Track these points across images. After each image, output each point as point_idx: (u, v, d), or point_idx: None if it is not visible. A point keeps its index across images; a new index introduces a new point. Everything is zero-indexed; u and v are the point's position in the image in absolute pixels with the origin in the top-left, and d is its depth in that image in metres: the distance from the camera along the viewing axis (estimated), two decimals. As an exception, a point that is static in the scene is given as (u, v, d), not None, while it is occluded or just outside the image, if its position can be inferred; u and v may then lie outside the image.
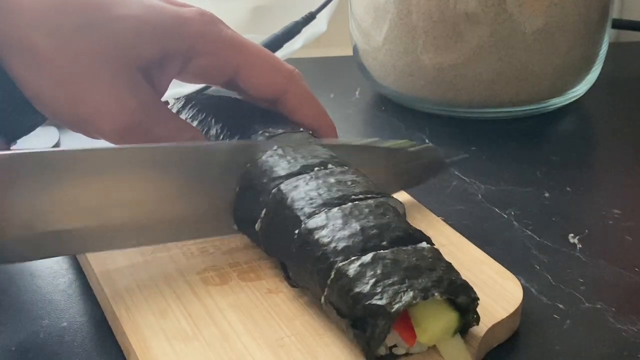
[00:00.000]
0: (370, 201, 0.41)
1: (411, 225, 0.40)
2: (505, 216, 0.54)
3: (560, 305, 0.42)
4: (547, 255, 0.49)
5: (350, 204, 0.40)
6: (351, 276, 0.37)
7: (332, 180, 0.42)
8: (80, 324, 0.43)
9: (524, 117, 0.70)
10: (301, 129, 0.48)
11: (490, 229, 0.52)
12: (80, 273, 0.46)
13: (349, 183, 0.42)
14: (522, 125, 0.70)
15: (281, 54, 0.75)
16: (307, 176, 0.43)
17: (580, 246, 0.50)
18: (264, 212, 0.42)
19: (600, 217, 0.55)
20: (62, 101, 0.43)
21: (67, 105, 0.43)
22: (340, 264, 0.37)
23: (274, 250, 0.43)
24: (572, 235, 0.52)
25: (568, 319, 0.43)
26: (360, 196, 0.41)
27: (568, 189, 0.58)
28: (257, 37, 0.78)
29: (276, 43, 0.73)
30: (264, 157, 0.44)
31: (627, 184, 0.61)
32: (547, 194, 0.57)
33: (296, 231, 0.40)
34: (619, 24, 0.87)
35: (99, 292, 0.43)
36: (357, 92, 0.78)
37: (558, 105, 0.72)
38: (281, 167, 0.43)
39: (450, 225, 0.50)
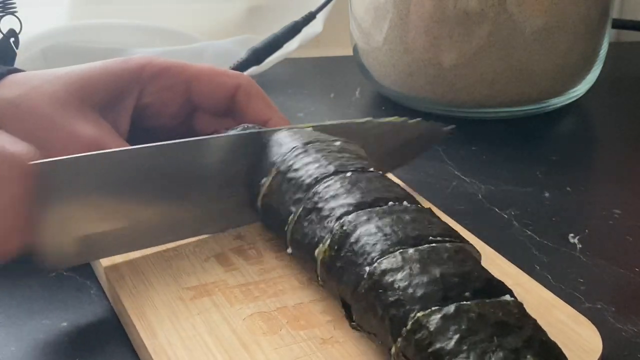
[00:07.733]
0: (449, 245, 0.38)
1: (493, 276, 0.37)
2: (505, 216, 0.54)
3: (560, 305, 0.42)
4: (547, 255, 0.49)
5: (427, 245, 0.37)
6: (432, 329, 0.33)
7: (407, 217, 0.39)
8: (80, 324, 0.43)
9: (524, 117, 0.70)
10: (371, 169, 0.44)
11: (490, 229, 0.52)
12: (82, 273, 0.47)
13: (426, 223, 0.39)
14: (522, 125, 0.70)
15: (278, 54, 0.75)
16: (380, 210, 0.40)
17: (580, 246, 0.50)
18: (328, 241, 0.40)
19: (600, 217, 0.55)
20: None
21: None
22: (420, 314, 0.34)
23: (336, 287, 0.39)
24: (572, 235, 0.52)
25: (568, 319, 0.43)
26: (438, 238, 0.38)
27: (568, 189, 0.58)
28: (253, 37, 0.78)
29: (276, 43, 0.74)
30: (334, 180, 0.42)
31: (627, 184, 0.61)
32: (547, 194, 0.57)
33: (366, 269, 0.37)
34: (619, 24, 0.87)
35: (137, 340, 0.40)
36: (357, 92, 0.78)
37: (558, 105, 0.72)
38: (352, 195, 0.41)
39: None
